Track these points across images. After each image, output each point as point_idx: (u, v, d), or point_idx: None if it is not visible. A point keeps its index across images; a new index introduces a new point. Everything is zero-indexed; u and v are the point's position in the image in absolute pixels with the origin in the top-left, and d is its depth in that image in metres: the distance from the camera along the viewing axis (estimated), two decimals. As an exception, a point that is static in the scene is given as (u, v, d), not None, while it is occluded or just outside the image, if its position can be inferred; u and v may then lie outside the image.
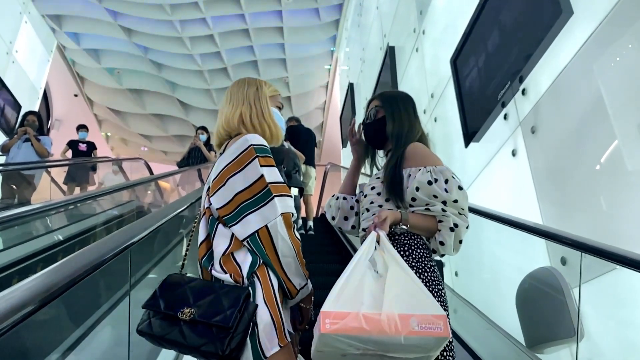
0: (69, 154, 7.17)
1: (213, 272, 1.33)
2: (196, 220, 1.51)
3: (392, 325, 1.15)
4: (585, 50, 2.53)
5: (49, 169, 6.27)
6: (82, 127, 7.33)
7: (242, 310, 1.20)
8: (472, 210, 3.24)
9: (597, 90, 2.45)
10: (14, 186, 5.55)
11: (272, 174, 1.38)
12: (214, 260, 1.36)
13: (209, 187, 1.45)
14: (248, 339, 1.22)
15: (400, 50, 6.55)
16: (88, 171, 6.89)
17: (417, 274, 1.46)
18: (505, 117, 3.38)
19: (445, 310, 1.39)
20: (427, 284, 1.47)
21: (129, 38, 12.35)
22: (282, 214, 1.33)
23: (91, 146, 7.27)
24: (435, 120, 4.88)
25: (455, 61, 4.13)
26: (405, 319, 1.16)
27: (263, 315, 1.25)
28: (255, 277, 1.30)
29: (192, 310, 1.22)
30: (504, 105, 3.38)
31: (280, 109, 1.69)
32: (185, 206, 2.55)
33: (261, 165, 1.37)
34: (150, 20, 11.64)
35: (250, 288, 1.27)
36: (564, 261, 2.57)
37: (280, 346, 1.26)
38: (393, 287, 1.23)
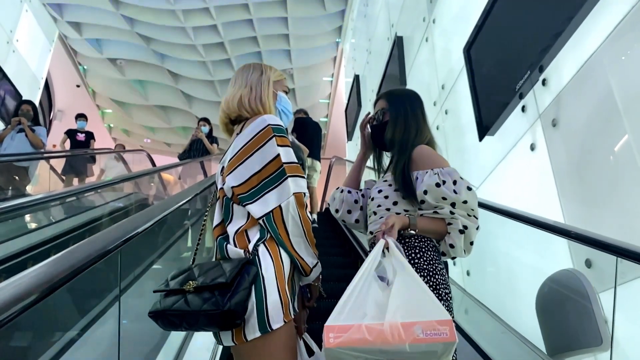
0: (68, 144, 7.01)
1: (228, 247, 1.36)
2: (209, 207, 1.56)
3: (395, 334, 1.15)
4: (617, 35, 2.33)
5: (49, 160, 6.13)
6: (80, 116, 7.17)
7: (241, 271, 1.26)
8: (486, 206, 3.09)
9: (629, 79, 2.27)
10: (16, 177, 5.41)
11: (288, 154, 1.41)
12: (229, 239, 1.39)
13: (223, 167, 1.48)
14: (255, 307, 1.26)
15: (409, 41, 6.35)
16: (86, 162, 6.73)
17: (428, 277, 1.48)
18: (523, 109, 3.20)
19: (450, 312, 1.43)
20: (436, 287, 1.47)
21: (131, 28, 12.17)
22: (294, 194, 1.36)
23: (89, 136, 7.10)
24: (446, 113, 4.69)
25: (468, 50, 3.94)
26: (409, 326, 1.17)
27: (272, 290, 1.29)
28: (260, 249, 1.33)
29: (196, 281, 1.27)
30: (521, 96, 3.19)
31: (286, 93, 1.69)
32: (178, 205, 2.41)
33: (278, 145, 1.39)
34: (153, 10, 11.45)
35: (252, 259, 1.31)
36: (589, 264, 2.41)
37: (284, 322, 1.30)
38: (399, 295, 1.23)
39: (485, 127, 3.62)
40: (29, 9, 9.96)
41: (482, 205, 3.13)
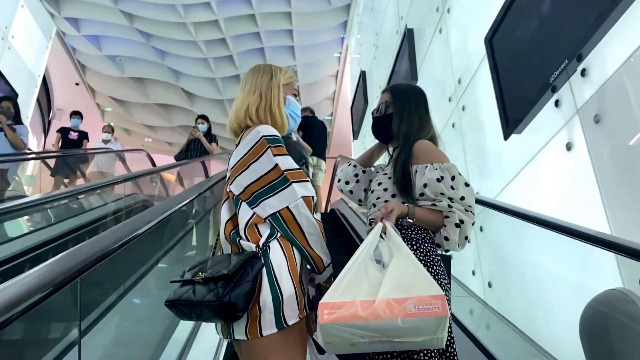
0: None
1: (241, 242, 1.38)
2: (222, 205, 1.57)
3: (387, 309, 1.16)
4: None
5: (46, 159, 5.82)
6: (75, 114, 6.81)
7: (245, 264, 1.27)
8: (511, 212, 2.75)
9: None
10: (17, 177, 5.09)
11: (287, 162, 1.43)
12: (240, 232, 1.42)
13: (229, 175, 1.51)
14: (272, 302, 1.28)
15: (420, 33, 5.98)
16: (78, 163, 6.37)
17: (425, 268, 1.45)
18: (556, 103, 2.84)
19: (448, 304, 1.43)
20: (435, 278, 1.49)
21: (130, 24, 11.85)
22: (302, 197, 1.38)
23: (83, 136, 6.74)
24: (463, 109, 4.33)
25: (491, 40, 3.58)
26: (401, 302, 1.18)
27: (287, 286, 1.31)
28: (272, 245, 1.36)
29: (206, 273, 1.30)
30: (554, 89, 2.83)
31: (296, 96, 1.70)
32: (170, 211, 2.14)
33: (274, 155, 1.41)
34: (152, 5, 11.12)
35: (261, 254, 1.34)
36: (644, 283, 2.06)
37: (299, 318, 1.33)
38: (394, 273, 1.26)
39: (511, 124, 3.26)
40: (25, 5, 9.65)
41: (505, 210, 2.82)
